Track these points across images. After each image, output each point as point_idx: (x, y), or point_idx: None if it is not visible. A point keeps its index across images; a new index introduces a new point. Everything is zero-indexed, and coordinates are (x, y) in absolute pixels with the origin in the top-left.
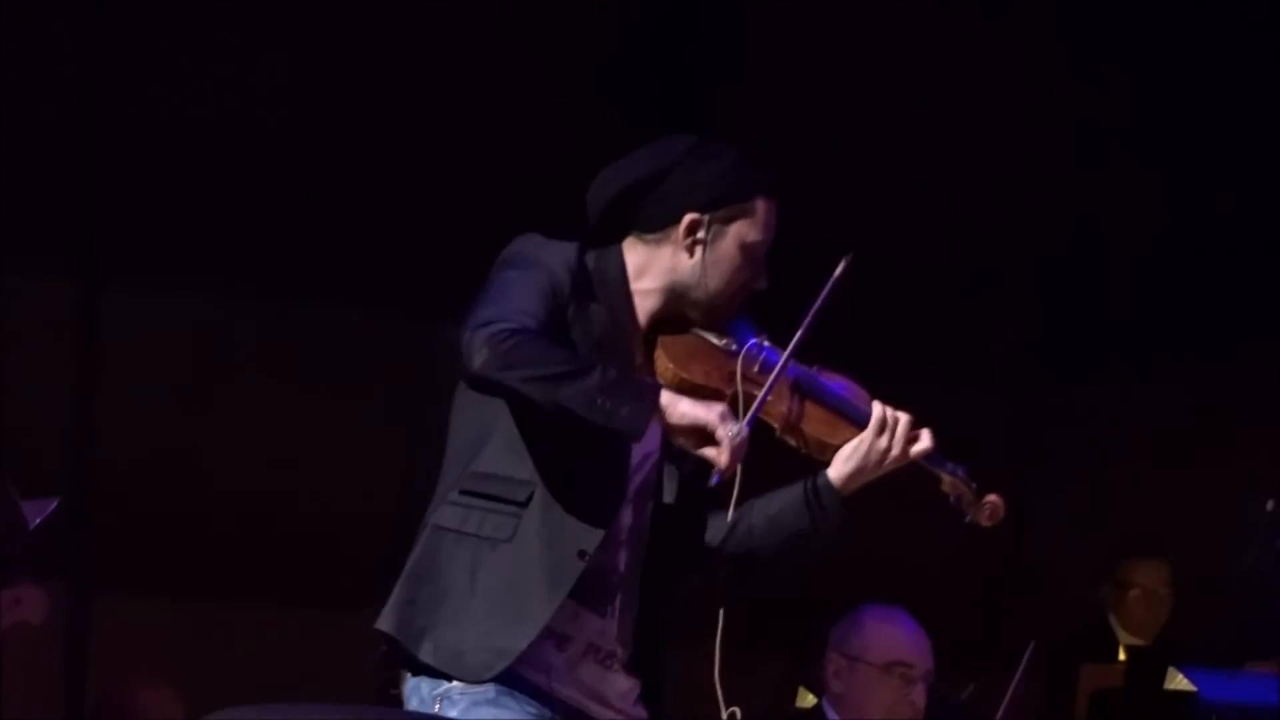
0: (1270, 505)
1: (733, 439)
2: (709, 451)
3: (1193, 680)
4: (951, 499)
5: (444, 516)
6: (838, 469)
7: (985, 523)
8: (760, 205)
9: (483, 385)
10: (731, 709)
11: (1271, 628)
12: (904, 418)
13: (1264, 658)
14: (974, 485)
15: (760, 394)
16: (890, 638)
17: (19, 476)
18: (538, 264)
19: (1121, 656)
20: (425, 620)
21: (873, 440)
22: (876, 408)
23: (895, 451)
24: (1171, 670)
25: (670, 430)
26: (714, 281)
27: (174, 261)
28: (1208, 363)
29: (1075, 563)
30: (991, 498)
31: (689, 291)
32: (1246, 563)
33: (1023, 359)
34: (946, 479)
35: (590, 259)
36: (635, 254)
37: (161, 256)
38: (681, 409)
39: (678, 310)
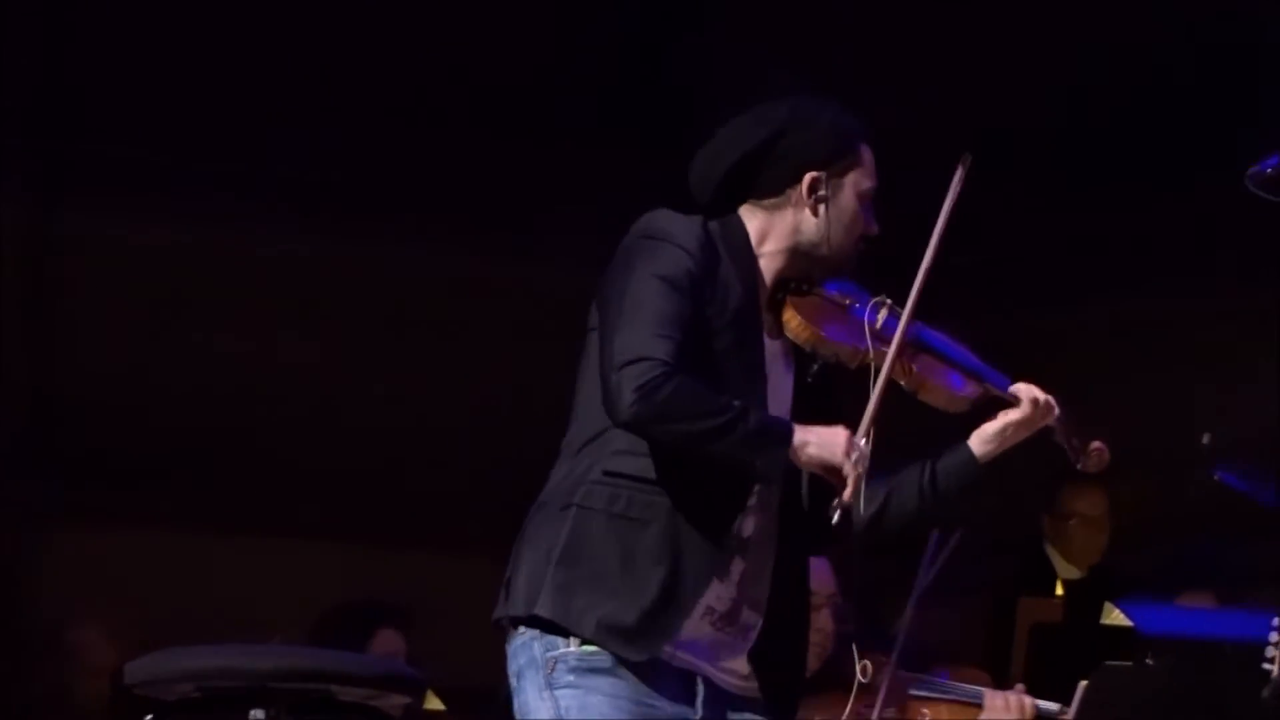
0: (1206, 439)
1: (856, 469)
2: (835, 481)
3: (1130, 614)
4: (1064, 447)
5: (590, 497)
6: (981, 447)
7: (1094, 469)
8: (865, 152)
9: (631, 430)
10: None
11: (1206, 560)
12: (1041, 393)
13: (1197, 588)
14: (1083, 433)
15: (890, 351)
16: None
17: None
18: (670, 240)
19: (1059, 590)
20: (585, 600)
21: (1022, 418)
22: (1024, 388)
23: (1039, 423)
24: (1108, 605)
25: (801, 468)
26: (839, 234)
27: (136, 189)
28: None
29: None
30: (1097, 444)
31: (815, 249)
32: (1185, 496)
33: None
34: (1060, 429)
35: (714, 231)
36: (755, 220)
37: (122, 183)
38: (809, 452)
39: (803, 269)
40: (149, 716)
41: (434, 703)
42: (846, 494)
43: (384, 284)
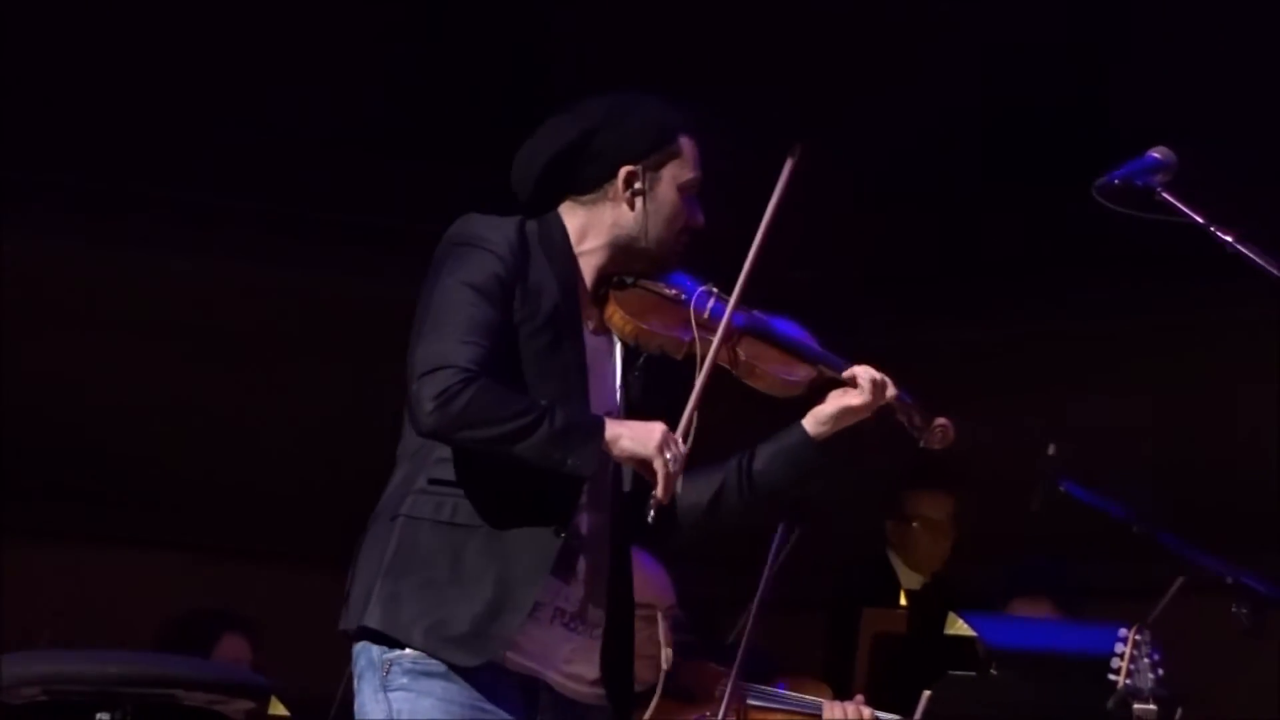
0: (1052, 450)
1: (670, 463)
2: (649, 475)
3: (974, 625)
4: (906, 427)
5: (416, 507)
6: (816, 429)
7: (938, 446)
8: (686, 144)
9: (434, 439)
10: None
11: (1046, 572)
12: (877, 373)
13: (1033, 595)
14: (925, 411)
15: (715, 340)
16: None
17: None
18: (479, 245)
19: (903, 601)
20: (413, 610)
21: (859, 398)
22: (861, 369)
23: (877, 402)
24: (952, 616)
25: (617, 463)
26: (658, 227)
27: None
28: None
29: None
30: (941, 421)
31: (635, 242)
32: (1030, 505)
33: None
34: (900, 408)
35: (531, 231)
36: (574, 218)
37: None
38: (623, 446)
39: (624, 264)
40: None
41: (278, 709)
42: (660, 490)
43: (236, 299)
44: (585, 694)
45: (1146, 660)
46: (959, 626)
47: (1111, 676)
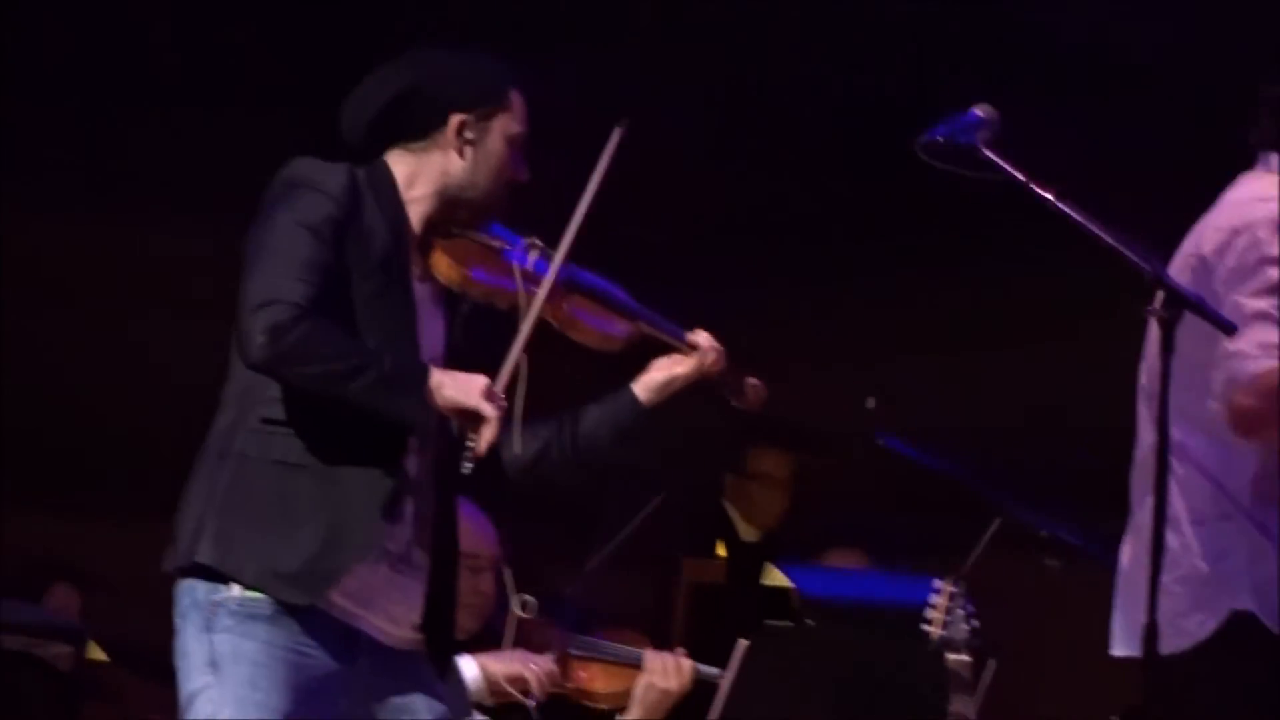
0: (870, 403)
1: (490, 415)
2: (470, 426)
3: (791, 576)
4: (721, 386)
5: (248, 444)
6: (646, 393)
7: (751, 406)
8: (515, 98)
9: (261, 372)
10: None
11: (863, 527)
12: (712, 340)
13: (844, 546)
14: (739, 371)
15: (540, 292)
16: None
17: None
18: (313, 187)
19: (722, 552)
20: (245, 547)
21: (693, 363)
22: (701, 335)
23: (710, 369)
24: (768, 566)
25: (439, 411)
26: (485, 178)
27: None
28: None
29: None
30: (753, 381)
31: (463, 192)
32: (849, 461)
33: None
34: (727, 375)
35: (361, 177)
36: (403, 165)
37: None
38: (444, 393)
39: (450, 213)
40: None
41: (97, 653)
42: (481, 442)
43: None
44: (405, 639)
45: (960, 611)
46: (775, 577)
47: (925, 628)
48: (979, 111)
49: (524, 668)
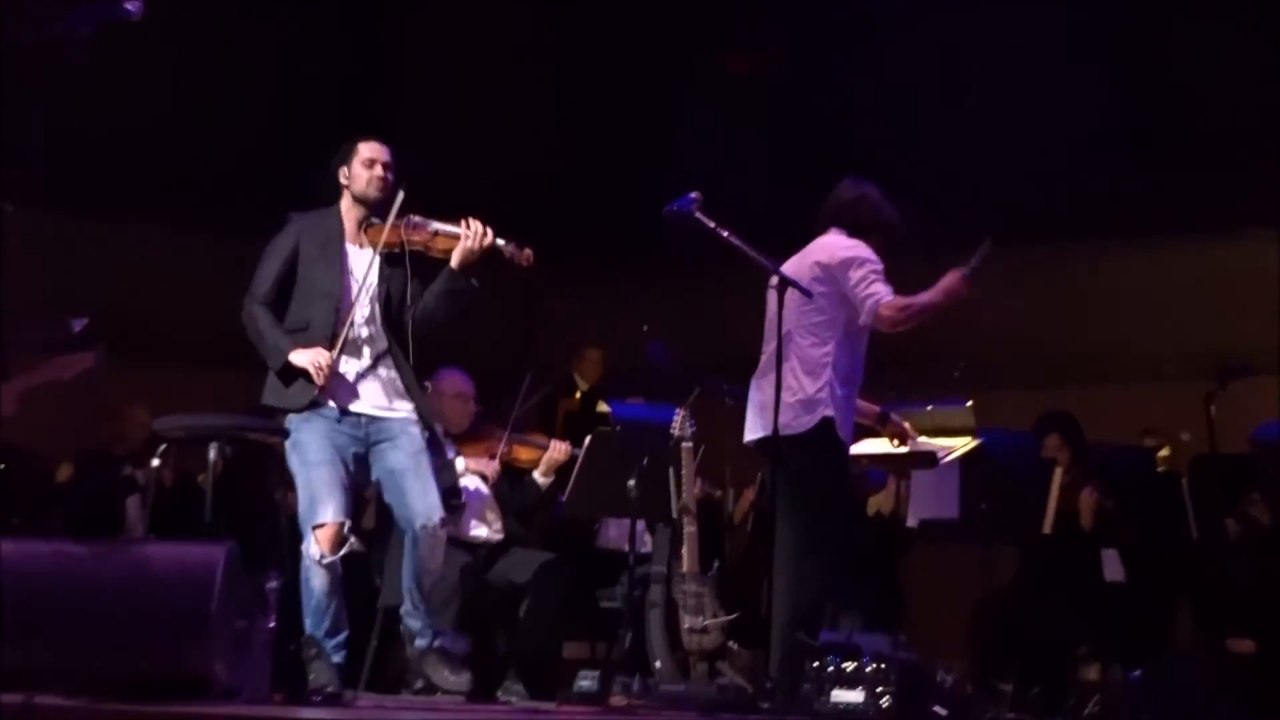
0: (645, 329)
1: (315, 375)
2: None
3: (610, 406)
4: (508, 256)
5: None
6: (456, 261)
7: (525, 264)
8: (362, 146)
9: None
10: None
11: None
12: (477, 223)
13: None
14: (518, 245)
15: (422, 240)
16: (454, 381)
17: None
18: (286, 223)
19: (578, 395)
20: (272, 384)
21: (470, 242)
22: (471, 223)
23: (482, 244)
24: (599, 400)
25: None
26: (360, 190)
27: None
28: None
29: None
30: (527, 251)
31: (360, 199)
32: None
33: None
34: (506, 248)
35: (330, 209)
36: (345, 199)
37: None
38: (293, 358)
39: (365, 210)
40: None
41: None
42: (318, 381)
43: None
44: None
45: (689, 425)
46: (602, 406)
47: (672, 430)
48: (691, 195)
49: (484, 464)
